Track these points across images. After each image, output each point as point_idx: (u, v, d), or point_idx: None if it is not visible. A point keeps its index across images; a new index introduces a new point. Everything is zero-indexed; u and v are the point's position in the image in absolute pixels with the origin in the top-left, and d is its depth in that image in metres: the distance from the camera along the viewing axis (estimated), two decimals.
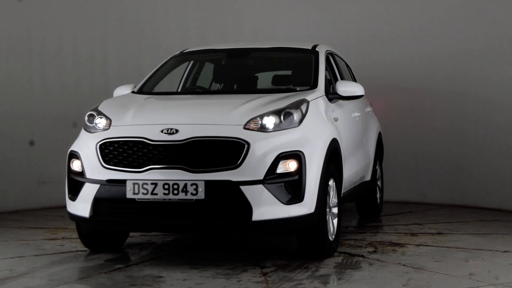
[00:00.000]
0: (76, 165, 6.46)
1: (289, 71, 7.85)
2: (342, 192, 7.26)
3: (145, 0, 10.65)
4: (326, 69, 8.01)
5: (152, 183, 6.05)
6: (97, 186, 6.25)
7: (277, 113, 6.29)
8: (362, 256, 6.75)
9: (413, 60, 10.28)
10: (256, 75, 7.96)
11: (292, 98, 6.64)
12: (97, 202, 6.27)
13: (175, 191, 6.01)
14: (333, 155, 6.79)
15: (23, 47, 9.74)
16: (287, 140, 6.18)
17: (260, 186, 6.01)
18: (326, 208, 6.48)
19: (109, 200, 6.24)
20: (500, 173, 9.72)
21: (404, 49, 10.34)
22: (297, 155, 6.15)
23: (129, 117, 6.45)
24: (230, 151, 6.03)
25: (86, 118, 6.61)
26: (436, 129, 10.21)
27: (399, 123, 10.18)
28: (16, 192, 9.60)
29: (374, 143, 8.92)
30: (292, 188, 6.10)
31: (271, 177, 6.04)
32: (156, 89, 7.67)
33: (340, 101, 7.45)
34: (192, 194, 5.99)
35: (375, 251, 6.96)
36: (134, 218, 6.21)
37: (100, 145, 6.29)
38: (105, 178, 6.22)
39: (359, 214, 9.20)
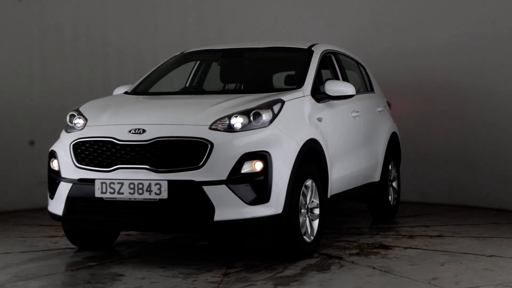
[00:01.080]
0: (55, 164, 6.60)
1: (283, 71, 7.82)
2: (330, 193, 7.17)
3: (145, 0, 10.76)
4: (328, 69, 8.00)
5: (118, 183, 6.14)
6: (70, 185, 6.38)
7: (245, 113, 6.27)
8: (341, 258, 6.66)
9: (412, 57, 10.23)
10: (252, 75, 7.94)
11: (268, 98, 6.60)
12: (70, 201, 6.41)
13: (140, 191, 6.08)
14: (312, 155, 6.73)
15: (23, 46, 9.88)
16: (253, 140, 6.16)
17: (223, 186, 6.01)
18: (298, 209, 6.41)
19: (81, 199, 6.36)
20: (501, 172, 9.54)
21: (401, 44, 10.31)
22: (263, 155, 6.12)
23: (104, 117, 6.55)
24: (194, 151, 6.06)
25: (67, 118, 6.74)
26: (436, 128, 10.10)
27: (400, 123, 9.95)
28: (16, 192, 9.76)
29: (385, 143, 8.75)
30: (257, 188, 6.08)
31: (235, 178, 6.03)
32: (160, 89, 7.73)
33: (332, 101, 7.36)
34: (156, 193, 6.05)
35: (358, 253, 6.85)
36: (102, 216, 6.31)
37: (73, 144, 6.42)
38: (77, 177, 6.34)
39: (372, 215, 9.05)
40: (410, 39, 10.18)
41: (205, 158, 6.03)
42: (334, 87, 7.24)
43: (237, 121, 6.21)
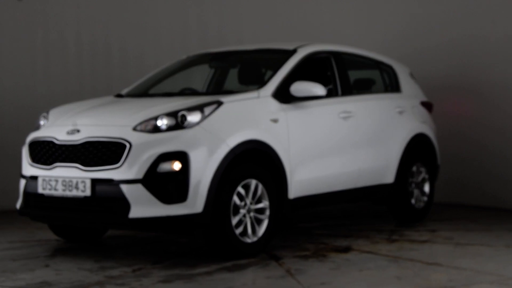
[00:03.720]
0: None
1: (263, 73, 7.89)
2: (295, 195, 7.15)
3: (147, 1, 10.96)
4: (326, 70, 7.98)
5: (55, 180, 6.59)
6: (25, 181, 6.92)
7: (172, 114, 6.48)
8: (278, 259, 6.64)
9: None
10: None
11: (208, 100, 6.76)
12: (26, 196, 6.95)
13: (70, 188, 6.50)
14: (258, 156, 6.82)
15: (26, 47, 10.29)
16: (173, 141, 6.34)
17: (139, 185, 6.27)
18: (229, 209, 6.48)
19: (31, 194, 6.88)
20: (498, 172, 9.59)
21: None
22: (181, 156, 6.29)
23: (61, 119, 7.02)
24: (115, 151, 6.37)
25: (39, 118, 7.28)
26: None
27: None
28: (17, 192, 10.03)
29: (401, 144, 8.46)
30: (174, 188, 6.27)
31: (151, 177, 6.26)
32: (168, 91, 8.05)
33: (306, 102, 7.33)
34: (81, 190, 6.44)
35: (304, 256, 6.79)
36: (42, 211, 6.79)
37: (29, 144, 6.95)
38: (29, 174, 6.86)
39: (394, 218, 8.81)
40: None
41: (123, 157, 6.31)
42: (300, 88, 7.22)
43: (163, 123, 6.43)
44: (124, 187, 6.28)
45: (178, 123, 6.44)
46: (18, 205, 7.05)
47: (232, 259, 6.61)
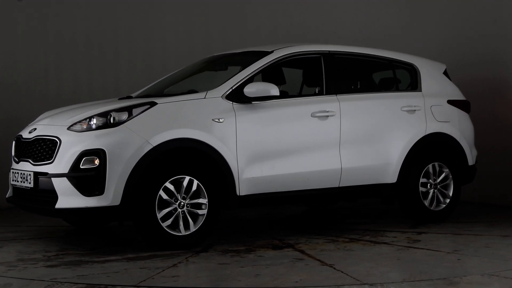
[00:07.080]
0: None
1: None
2: (247, 191, 7.38)
3: (154, 5, 11.11)
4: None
5: (17, 173, 7.50)
6: (10, 173, 7.91)
7: (103, 115, 7.09)
8: (203, 251, 6.97)
9: None
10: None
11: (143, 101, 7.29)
12: (13, 187, 7.91)
13: (23, 180, 7.37)
14: (195, 154, 7.21)
15: (38, 53, 10.79)
16: (96, 139, 6.92)
17: (64, 178, 6.97)
18: (154, 203, 6.93)
19: (11, 185, 7.82)
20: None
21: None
22: (100, 153, 6.90)
23: (40, 119, 7.90)
24: (51, 148, 7.13)
25: None
26: None
27: None
28: None
29: (406, 143, 8.25)
30: (93, 182, 6.89)
31: (75, 171, 6.94)
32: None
33: (267, 102, 7.54)
34: (29, 182, 7.27)
35: (231, 251, 6.98)
36: (14, 199, 7.70)
37: (14, 140, 7.92)
38: (11, 168, 7.84)
39: (409, 219, 8.64)
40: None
41: (55, 154, 7.05)
42: (252, 89, 7.44)
43: (94, 122, 7.06)
44: (53, 180, 6.99)
45: (107, 123, 7.02)
46: (7, 195, 8.00)
47: (164, 250, 7.02)
